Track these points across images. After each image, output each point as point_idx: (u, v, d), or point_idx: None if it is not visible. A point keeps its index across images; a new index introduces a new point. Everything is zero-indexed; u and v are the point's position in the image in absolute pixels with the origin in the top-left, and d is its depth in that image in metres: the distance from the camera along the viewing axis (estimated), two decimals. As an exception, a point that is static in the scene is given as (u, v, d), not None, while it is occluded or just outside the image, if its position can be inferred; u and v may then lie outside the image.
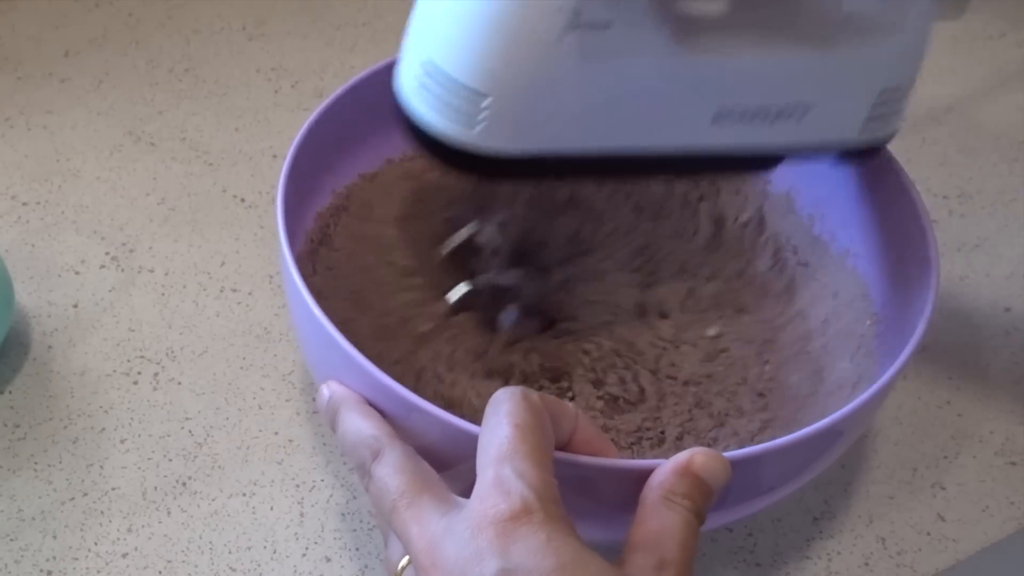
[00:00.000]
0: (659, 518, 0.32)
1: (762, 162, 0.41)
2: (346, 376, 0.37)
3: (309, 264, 0.46)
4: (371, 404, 0.36)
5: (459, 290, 0.47)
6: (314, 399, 0.47)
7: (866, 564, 0.45)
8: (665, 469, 0.33)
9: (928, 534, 0.46)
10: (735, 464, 0.35)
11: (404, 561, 0.33)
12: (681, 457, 0.33)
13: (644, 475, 0.33)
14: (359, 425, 0.35)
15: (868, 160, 0.42)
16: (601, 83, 0.35)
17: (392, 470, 0.33)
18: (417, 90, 0.37)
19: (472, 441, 0.32)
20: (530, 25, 0.34)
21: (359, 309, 0.47)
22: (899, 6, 0.38)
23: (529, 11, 0.34)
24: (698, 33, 0.36)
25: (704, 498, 0.33)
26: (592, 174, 0.39)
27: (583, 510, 0.35)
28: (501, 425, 0.31)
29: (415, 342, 0.46)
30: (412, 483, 0.33)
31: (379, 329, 0.46)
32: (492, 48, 0.34)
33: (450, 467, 0.35)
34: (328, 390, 0.37)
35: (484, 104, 0.35)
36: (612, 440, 0.45)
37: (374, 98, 0.47)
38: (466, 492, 0.32)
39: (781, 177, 0.50)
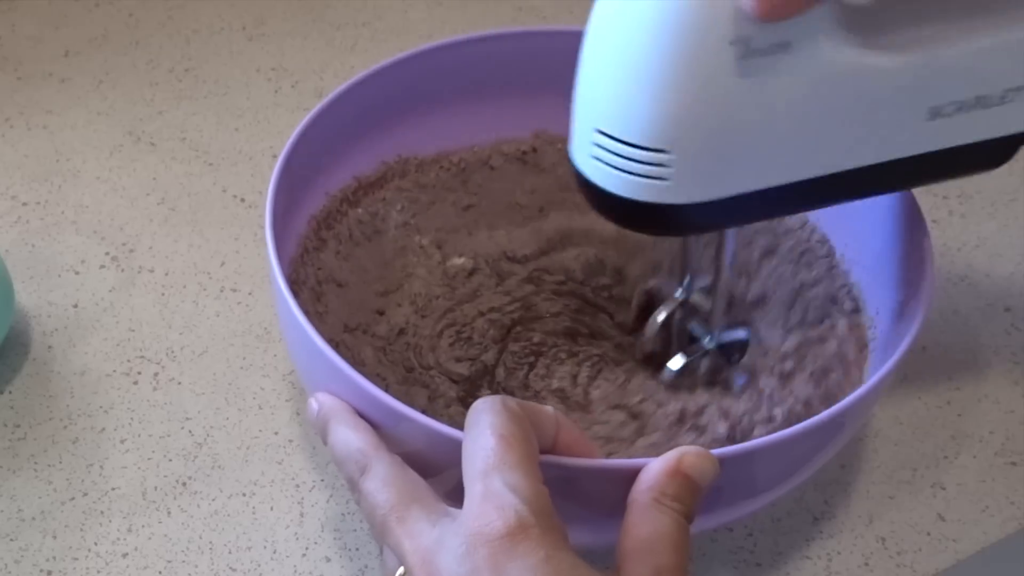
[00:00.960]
0: (651, 522, 0.31)
1: (991, 155, 0.37)
2: (333, 385, 0.37)
3: (301, 269, 0.46)
4: (360, 413, 0.36)
5: (677, 362, 0.45)
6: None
7: (866, 564, 0.45)
8: (654, 470, 0.32)
9: (928, 534, 0.46)
10: (734, 460, 0.35)
11: (400, 572, 0.33)
12: (670, 457, 0.33)
13: (631, 474, 0.33)
14: (347, 438, 0.35)
15: None
16: (793, 110, 0.33)
17: (380, 484, 0.33)
18: (593, 158, 0.34)
19: (460, 448, 0.32)
20: (704, 68, 0.31)
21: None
22: None
23: (700, 55, 0.31)
24: (887, 36, 0.33)
25: (693, 498, 0.32)
26: (798, 205, 0.36)
27: (573, 514, 0.35)
28: (484, 436, 0.31)
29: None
30: (400, 496, 0.33)
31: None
32: (664, 101, 0.32)
33: (439, 474, 0.35)
34: (316, 402, 0.37)
35: (667, 160, 0.33)
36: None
37: (371, 99, 0.47)
38: (451, 493, 0.32)
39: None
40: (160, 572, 0.43)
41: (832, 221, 0.48)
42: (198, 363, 0.50)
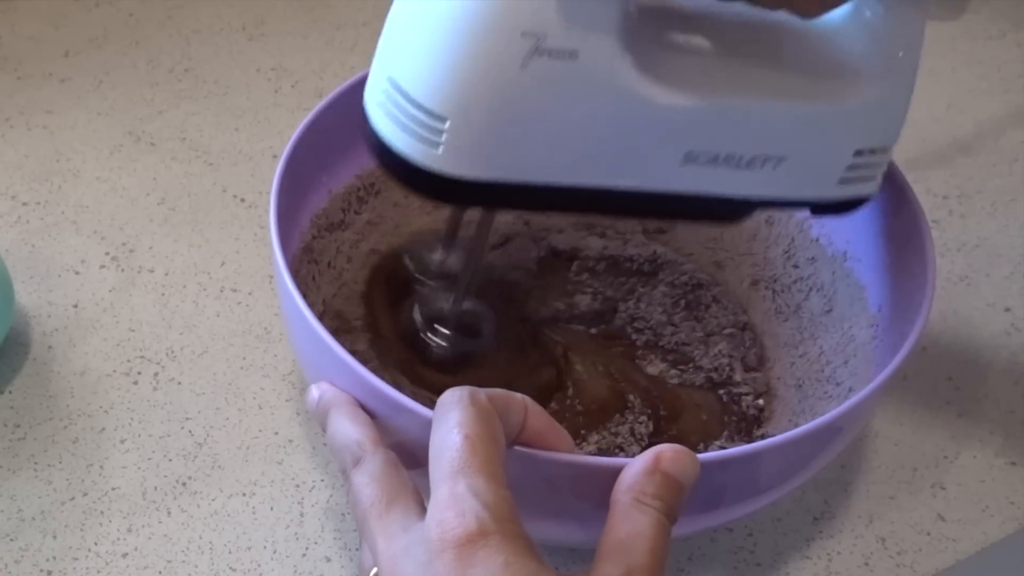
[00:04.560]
0: (630, 523, 0.31)
1: (734, 210, 0.39)
2: (335, 376, 0.37)
3: (303, 267, 0.46)
4: (360, 404, 0.36)
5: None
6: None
7: (866, 564, 0.45)
8: (634, 469, 0.32)
9: (928, 534, 0.46)
10: (735, 462, 0.35)
11: (374, 572, 0.33)
12: (648, 455, 0.32)
13: (598, 469, 0.33)
14: (345, 429, 0.35)
15: (844, 214, 0.41)
16: (564, 116, 0.34)
17: (368, 479, 0.33)
18: (382, 107, 0.36)
19: None
20: (494, 50, 0.33)
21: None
22: (884, 54, 0.37)
23: (493, 35, 0.33)
24: (668, 72, 0.35)
25: (674, 496, 0.32)
26: (554, 208, 0.38)
27: (547, 509, 0.35)
28: (451, 434, 0.31)
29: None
30: (384, 494, 0.33)
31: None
32: (454, 71, 0.33)
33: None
34: (318, 391, 0.37)
35: (444, 127, 0.34)
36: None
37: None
38: None
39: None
40: (160, 572, 0.43)
41: (836, 220, 0.48)
42: (198, 363, 0.50)
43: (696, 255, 0.52)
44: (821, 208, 0.40)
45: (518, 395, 0.34)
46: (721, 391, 0.48)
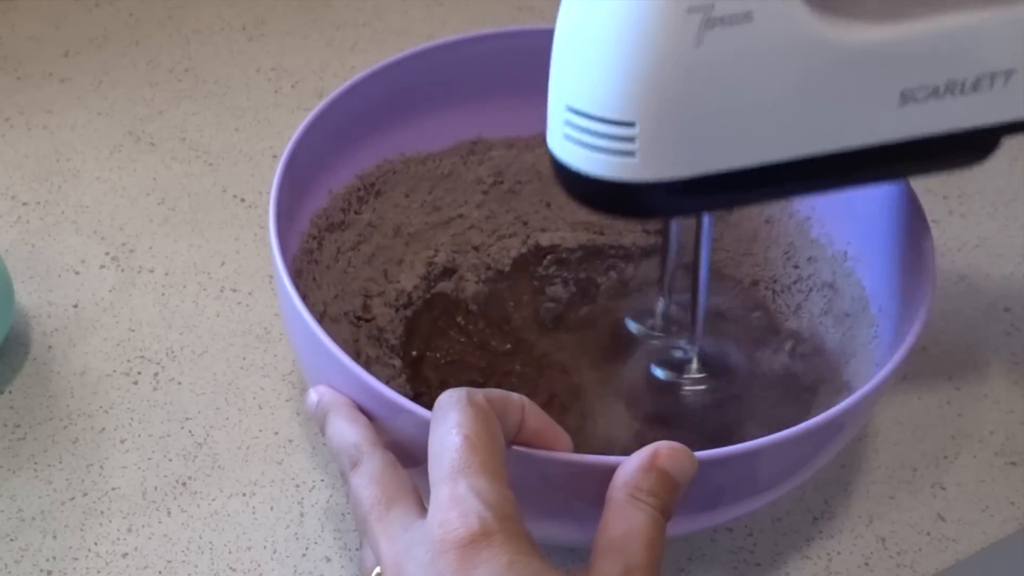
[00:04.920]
0: (625, 519, 0.31)
1: (973, 145, 0.35)
2: (333, 377, 0.37)
3: (304, 267, 0.46)
4: (359, 407, 0.36)
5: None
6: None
7: (866, 564, 0.45)
8: (630, 466, 0.32)
9: (928, 534, 0.46)
10: (734, 460, 0.35)
11: (376, 571, 0.33)
12: (645, 452, 0.32)
13: (599, 468, 0.33)
14: (343, 431, 0.35)
15: None
16: (753, 85, 0.32)
17: (367, 480, 0.33)
18: (568, 138, 0.34)
19: None
20: (663, 36, 0.31)
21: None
22: None
23: (659, 21, 0.31)
24: (853, 6, 0.32)
25: (670, 493, 0.32)
26: (768, 192, 0.35)
27: (547, 508, 0.35)
28: (450, 435, 0.31)
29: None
30: (383, 495, 0.33)
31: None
32: (628, 72, 0.31)
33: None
34: (316, 394, 0.37)
35: (634, 133, 0.32)
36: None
37: (371, 99, 0.47)
38: None
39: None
40: (160, 572, 0.43)
41: (836, 220, 0.48)
42: (198, 363, 0.50)
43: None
44: None
45: (515, 395, 0.34)
46: None
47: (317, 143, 0.45)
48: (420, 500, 0.33)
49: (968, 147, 0.35)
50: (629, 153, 0.33)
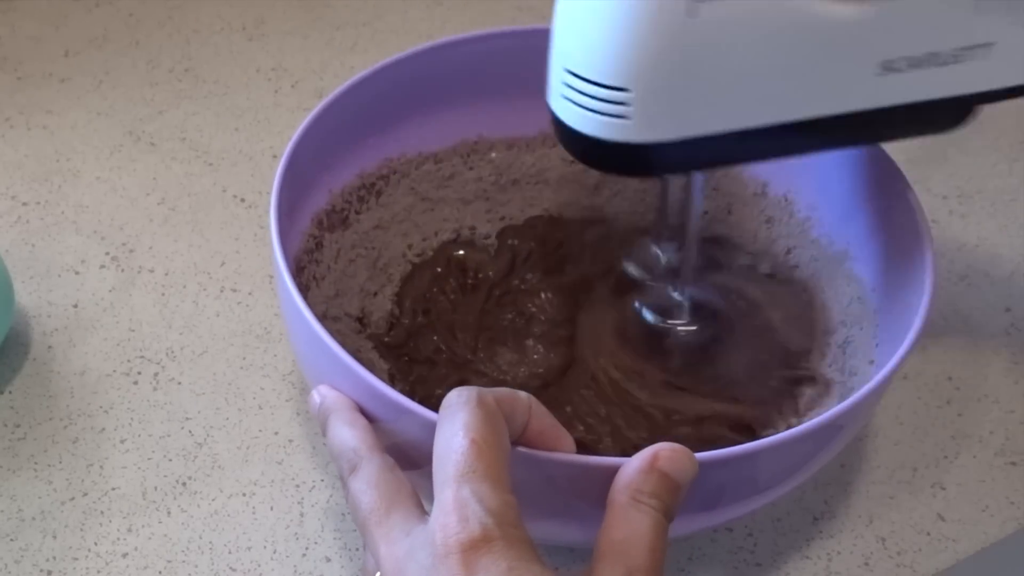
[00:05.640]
0: (627, 522, 0.31)
1: (950, 112, 0.37)
2: (334, 378, 0.37)
3: (305, 266, 0.46)
4: (361, 407, 0.36)
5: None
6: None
7: (866, 564, 0.45)
8: (631, 468, 0.32)
9: (928, 534, 0.46)
10: (733, 461, 0.35)
11: (378, 574, 0.33)
12: (646, 454, 0.32)
13: (601, 470, 0.33)
14: (343, 435, 0.35)
15: None
16: (743, 53, 0.33)
17: (366, 485, 0.33)
18: (567, 99, 0.36)
19: None
20: (656, 7, 0.32)
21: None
22: None
23: None
24: None
25: (672, 495, 0.32)
26: (757, 154, 0.37)
27: (548, 509, 0.35)
28: (456, 437, 0.31)
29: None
30: (382, 499, 0.33)
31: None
32: (623, 40, 0.33)
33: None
34: (319, 395, 0.37)
35: (629, 98, 0.34)
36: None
37: (372, 98, 0.47)
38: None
39: (778, 180, 0.50)
40: (160, 572, 0.43)
41: (836, 220, 0.48)
42: (198, 363, 0.50)
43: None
44: None
45: (523, 394, 0.34)
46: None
47: (318, 142, 0.45)
48: (420, 504, 0.33)
49: (944, 114, 0.37)
50: (624, 116, 0.34)
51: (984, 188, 0.61)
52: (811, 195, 0.49)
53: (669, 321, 0.47)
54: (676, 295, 0.47)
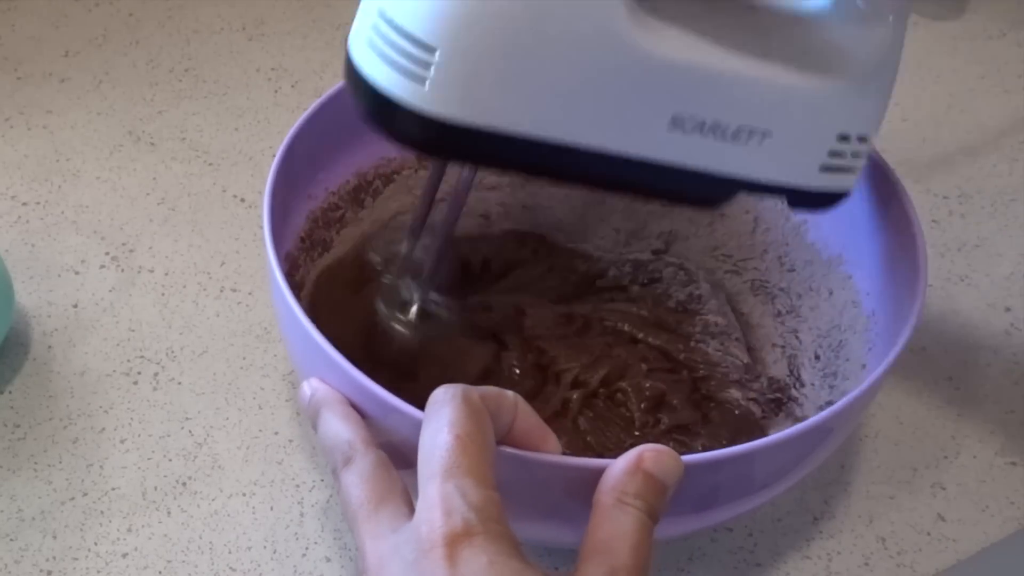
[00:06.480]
0: (611, 523, 0.31)
1: (715, 190, 0.38)
2: (326, 374, 0.37)
3: (301, 265, 0.46)
4: (352, 403, 0.36)
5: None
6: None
7: (866, 564, 0.45)
8: (616, 469, 0.32)
9: (928, 534, 0.46)
10: (728, 461, 0.35)
11: None
12: (631, 455, 0.32)
13: (586, 471, 0.33)
14: (336, 428, 0.35)
15: (820, 210, 0.40)
16: (553, 56, 0.33)
17: (357, 479, 0.33)
18: (370, 44, 0.35)
19: None
20: None
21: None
22: (871, 40, 0.37)
23: None
24: (662, 27, 0.34)
25: (657, 496, 0.32)
26: (534, 169, 0.37)
27: (533, 509, 0.35)
28: (441, 433, 0.31)
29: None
30: (373, 495, 0.33)
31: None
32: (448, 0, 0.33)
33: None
34: (309, 388, 0.37)
35: (433, 60, 0.33)
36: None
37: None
38: None
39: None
40: (160, 572, 0.43)
41: (831, 224, 0.48)
42: (198, 363, 0.50)
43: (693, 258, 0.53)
44: (799, 198, 0.39)
45: (509, 393, 0.34)
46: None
47: (313, 141, 0.45)
48: (410, 501, 0.33)
49: (709, 190, 0.38)
50: (422, 79, 0.34)
51: (984, 188, 0.61)
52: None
53: (397, 317, 0.46)
54: (410, 292, 0.45)
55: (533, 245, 0.53)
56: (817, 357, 0.47)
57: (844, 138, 0.37)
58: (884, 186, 0.44)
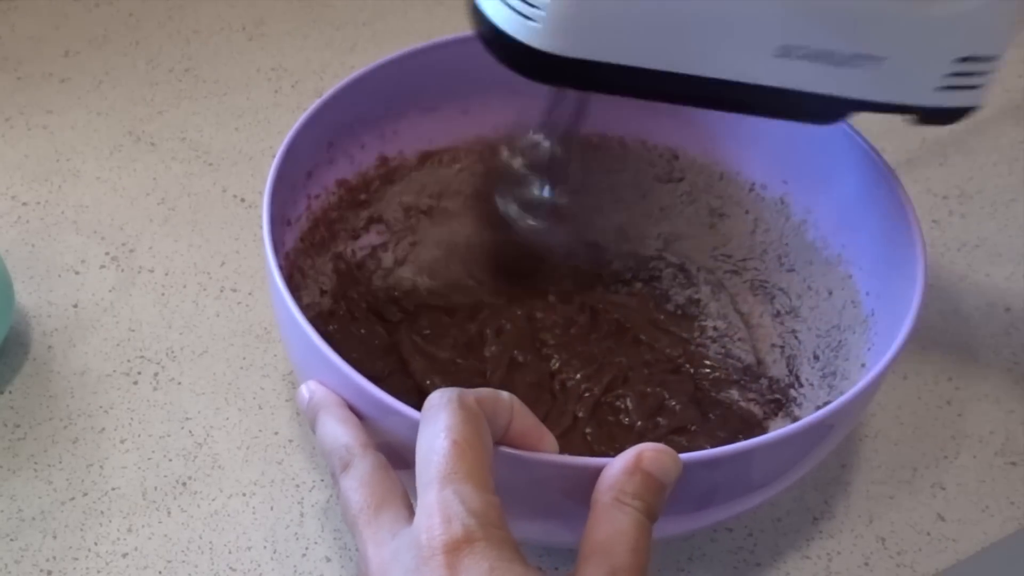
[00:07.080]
0: (610, 523, 0.31)
1: (826, 109, 0.39)
2: (324, 376, 0.37)
3: (300, 265, 0.46)
4: (350, 406, 0.36)
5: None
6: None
7: (866, 564, 0.45)
8: (614, 469, 0.32)
9: (928, 534, 0.46)
10: (727, 459, 0.34)
11: None
12: (629, 454, 0.32)
13: (584, 470, 0.33)
14: (334, 432, 0.35)
15: (948, 123, 0.40)
16: None
17: (356, 483, 0.33)
18: None
19: None
20: None
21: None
22: None
23: None
24: None
25: (655, 495, 0.32)
26: (645, 93, 0.38)
27: (532, 509, 0.35)
28: (438, 438, 0.31)
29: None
30: (372, 499, 0.33)
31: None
32: None
33: None
34: (308, 391, 0.37)
35: (541, 4, 0.35)
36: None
37: (370, 97, 0.47)
38: None
39: (774, 183, 0.50)
40: (160, 572, 0.43)
41: (831, 223, 0.48)
42: (198, 363, 0.50)
43: (694, 257, 0.53)
44: (922, 114, 0.39)
45: (505, 394, 0.34)
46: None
47: (314, 140, 0.45)
48: (410, 505, 0.33)
49: (822, 109, 0.38)
50: (533, 19, 0.35)
51: (984, 188, 0.61)
52: (806, 198, 0.49)
53: (528, 218, 0.47)
54: (543, 192, 0.47)
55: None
56: (816, 357, 0.47)
57: (965, 60, 0.37)
58: (884, 186, 0.44)
